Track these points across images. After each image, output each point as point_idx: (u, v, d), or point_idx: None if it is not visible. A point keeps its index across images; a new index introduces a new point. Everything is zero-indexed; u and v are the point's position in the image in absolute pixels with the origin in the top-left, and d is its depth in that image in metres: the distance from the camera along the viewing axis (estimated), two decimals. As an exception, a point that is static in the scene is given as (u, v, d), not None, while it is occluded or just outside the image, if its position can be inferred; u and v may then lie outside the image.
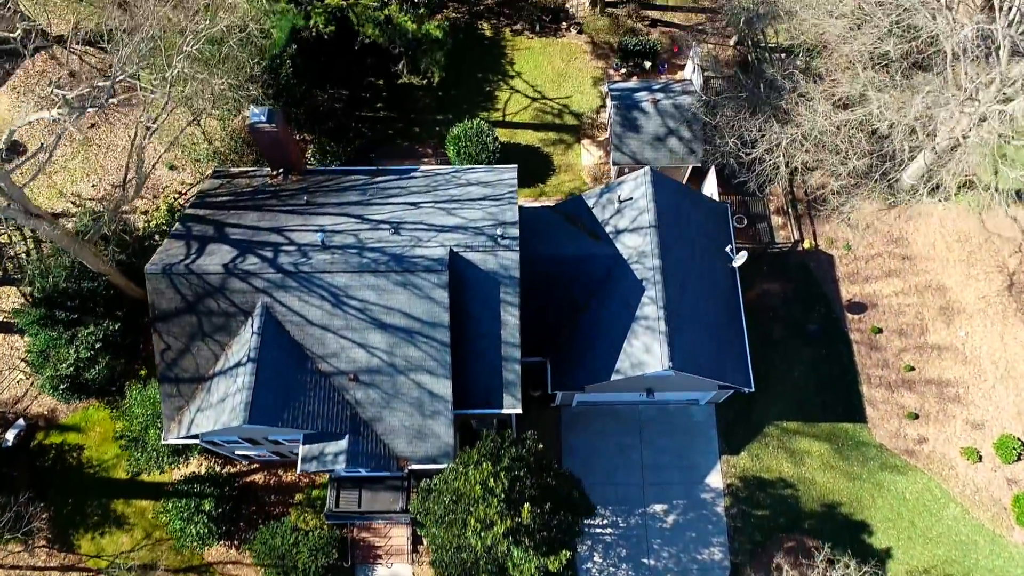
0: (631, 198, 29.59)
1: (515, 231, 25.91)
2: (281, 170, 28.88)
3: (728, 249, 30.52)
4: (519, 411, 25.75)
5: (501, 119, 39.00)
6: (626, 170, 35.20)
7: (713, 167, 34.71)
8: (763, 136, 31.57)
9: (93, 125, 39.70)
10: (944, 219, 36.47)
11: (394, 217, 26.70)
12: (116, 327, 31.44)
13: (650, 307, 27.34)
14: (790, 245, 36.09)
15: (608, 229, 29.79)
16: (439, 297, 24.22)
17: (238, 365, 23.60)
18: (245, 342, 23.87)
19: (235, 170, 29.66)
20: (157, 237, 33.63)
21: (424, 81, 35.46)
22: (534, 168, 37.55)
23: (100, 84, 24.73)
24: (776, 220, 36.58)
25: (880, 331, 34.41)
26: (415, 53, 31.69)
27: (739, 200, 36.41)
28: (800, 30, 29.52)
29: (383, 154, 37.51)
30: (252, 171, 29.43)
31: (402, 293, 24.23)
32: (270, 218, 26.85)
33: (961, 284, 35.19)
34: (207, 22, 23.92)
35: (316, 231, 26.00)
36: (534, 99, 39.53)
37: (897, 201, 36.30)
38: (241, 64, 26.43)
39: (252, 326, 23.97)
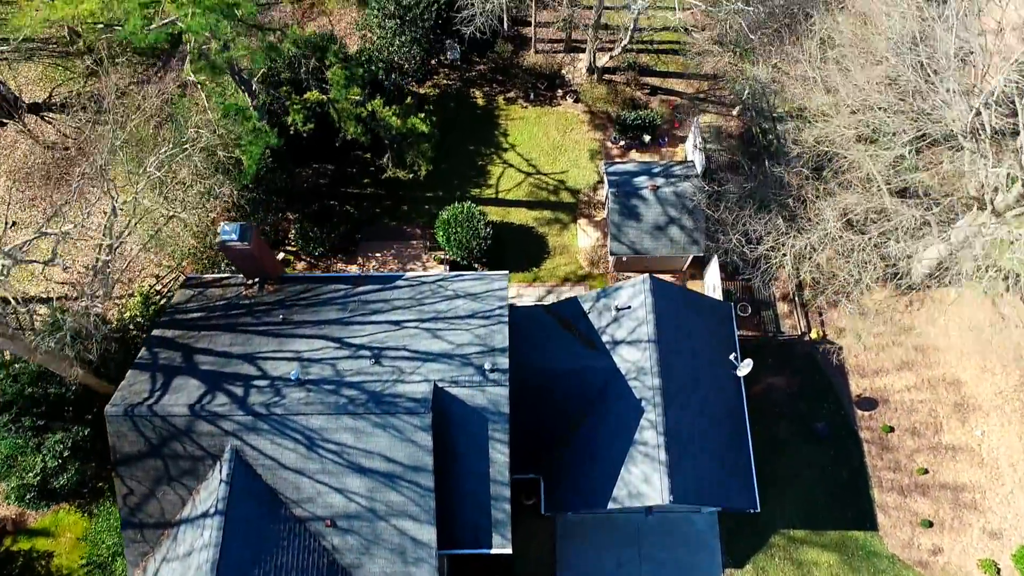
0: (629, 307, 27.90)
1: (504, 361, 24.23)
2: (256, 280, 27.16)
3: (732, 357, 28.83)
4: (509, 551, 24.09)
5: (494, 195, 37.27)
6: (624, 259, 33.49)
7: (716, 256, 32.97)
8: (768, 234, 29.85)
9: (66, 202, 37.96)
10: (957, 305, 34.74)
11: (375, 341, 24.98)
12: (86, 432, 29.74)
13: (649, 432, 25.66)
14: (797, 335, 34.36)
15: (605, 338, 28.10)
16: (422, 440, 22.51)
17: (205, 516, 21.90)
18: (213, 490, 22.17)
19: (208, 277, 27.96)
20: (132, 328, 31.95)
21: (410, 176, 33.67)
22: (528, 251, 35.81)
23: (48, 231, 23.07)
24: (782, 307, 34.84)
25: (892, 430, 32.68)
26: (400, 146, 29.95)
27: (743, 286, 34.68)
28: (810, 133, 27.68)
29: (370, 235, 35.76)
30: (226, 278, 27.71)
31: (382, 436, 22.53)
32: (243, 341, 25.12)
33: (976, 378, 33.46)
34: (171, 143, 22.20)
35: (292, 358, 24.30)
36: (528, 174, 37.79)
37: (908, 290, 34.57)
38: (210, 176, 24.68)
39: (220, 472, 22.27)
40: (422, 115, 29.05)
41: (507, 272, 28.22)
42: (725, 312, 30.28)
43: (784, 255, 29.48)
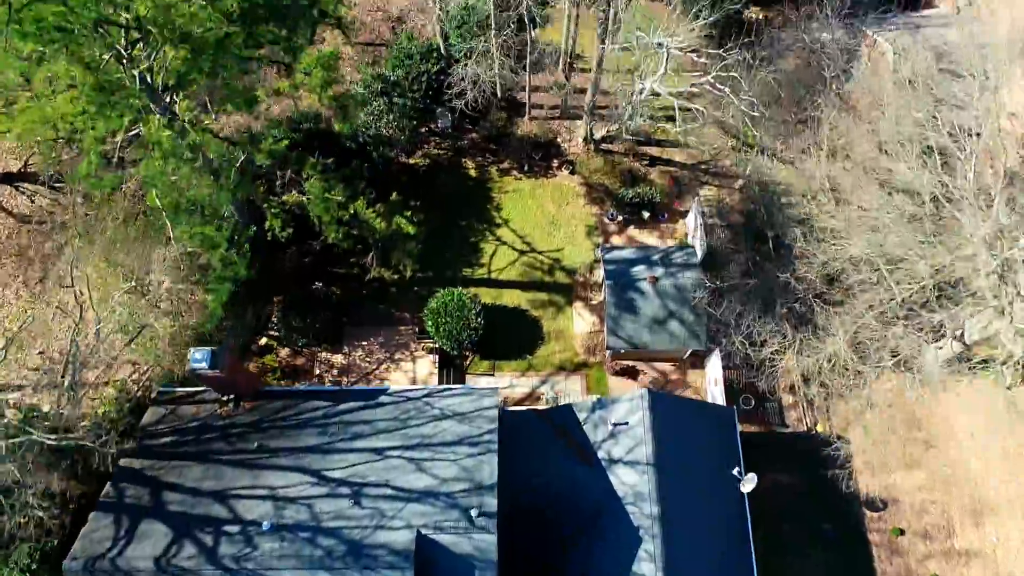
0: (626, 423, 26.40)
1: (492, 502, 22.76)
2: (232, 397, 25.66)
3: (735, 472, 27.32)
4: None
5: (486, 275, 35.73)
6: (622, 350, 31.97)
7: (718, 349, 31.46)
8: (773, 336, 28.35)
9: (42, 279, 36.45)
10: (969, 397, 33.19)
11: (356, 474, 23.47)
12: (54, 543, 28.32)
13: (647, 564, 24.18)
14: (802, 428, 32.85)
15: (601, 454, 26.60)
16: (403, 597, 21.02)
17: None
18: (179, 651, 20.69)
19: (181, 391, 26.44)
20: (107, 425, 30.44)
21: (395, 276, 32.15)
22: (522, 336, 34.27)
23: None
24: (786, 399, 33.32)
25: (902, 532, 31.17)
26: (385, 245, 28.42)
27: (746, 379, 33.13)
28: (819, 252, 26.11)
29: (357, 319, 34.21)
30: (201, 392, 26.19)
31: (361, 591, 21.04)
32: (215, 475, 23.61)
33: (991, 477, 31.94)
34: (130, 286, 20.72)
35: (266, 496, 22.81)
36: (522, 252, 36.24)
37: (918, 383, 33.01)
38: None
39: (188, 632, 20.79)
40: (408, 212, 27.51)
41: (497, 388, 26.76)
42: (727, 418, 28.77)
43: (790, 359, 28.01)
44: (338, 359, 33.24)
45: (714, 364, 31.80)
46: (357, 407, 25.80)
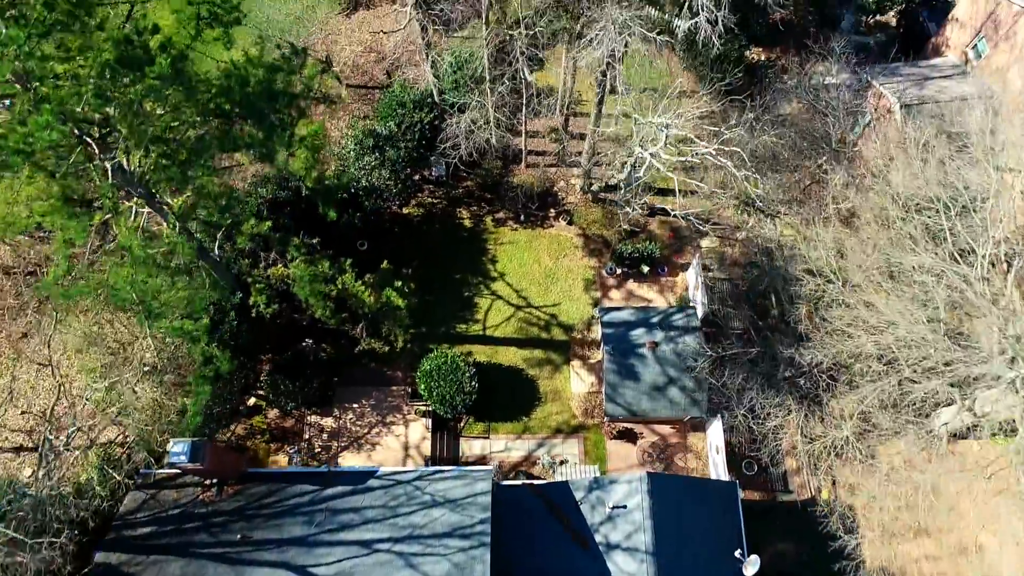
0: (624, 506, 25.44)
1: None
2: (214, 481, 24.68)
3: (738, 554, 26.35)
4: None
5: (481, 331, 34.76)
6: (619, 417, 31.00)
7: (719, 416, 30.49)
8: (776, 407, 27.39)
9: (25, 335, 35.45)
10: (980, 461, 32.24)
11: (343, 571, 22.49)
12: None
13: (646, 659, 23.25)
14: (806, 495, 31.87)
15: (598, 538, 25.63)
16: None
17: None
18: None
19: (163, 473, 25.45)
20: (88, 496, 29.45)
21: (386, 348, 31.16)
22: (517, 397, 33.28)
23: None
24: (790, 463, 32.34)
25: (909, 605, 30.25)
26: (375, 317, 27.44)
27: (748, 441, 32.16)
28: (827, 346, 25.07)
29: (348, 379, 33.21)
30: (182, 474, 25.20)
31: None
32: (196, 570, 22.61)
33: (1002, 546, 30.97)
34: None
35: (248, 596, 21.82)
36: (518, 307, 35.26)
37: (926, 444, 32.03)
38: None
39: None
40: (399, 283, 26.48)
41: (490, 471, 25.73)
42: (730, 495, 27.78)
43: (794, 434, 27.03)
44: (328, 422, 32.27)
45: (715, 430, 30.83)
46: (345, 491, 24.82)
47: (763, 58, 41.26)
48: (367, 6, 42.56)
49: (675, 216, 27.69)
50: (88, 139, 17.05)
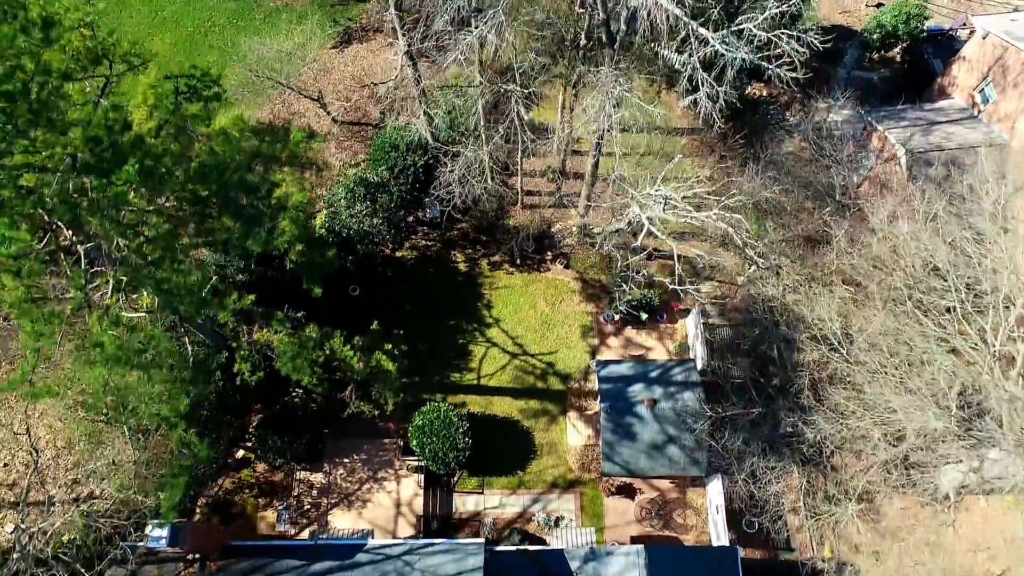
0: (622, 580, 24.63)
1: None
2: (197, 556, 23.86)
3: (738, 627, 25.57)
4: None
5: (475, 381, 33.93)
6: (616, 475, 30.17)
7: (720, 475, 29.67)
8: (778, 471, 26.57)
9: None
10: (988, 516, 31.41)
11: (328, 658, 21.68)
12: None
13: None
14: (809, 553, 31.02)
15: (594, 612, 24.83)
16: None
17: None
18: None
19: (142, 546, 24.56)
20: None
21: (375, 412, 30.35)
22: (512, 449, 32.44)
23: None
24: (792, 520, 31.50)
25: (915, 670, 29.42)
26: (365, 381, 26.63)
27: (750, 497, 31.33)
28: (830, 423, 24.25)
29: (338, 431, 32.36)
30: (164, 552, 24.34)
31: None
32: (176, 656, 21.82)
33: (1010, 605, 30.17)
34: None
35: None
36: (514, 355, 34.42)
37: (931, 501, 31.24)
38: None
39: None
40: (390, 345, 25.66)
41: (482, 542, 25.01)
42: (729, 562, 26.94)
43: (796, 501, 26.21)
44: (318, 478, 31.44)
45: (715, 488, 29.99)
46: (332, 567, 24.00)
47: (764, 93, 40.41)
48: (360, 40, 41.74)
49: (672, 284, 26.74)
50: (56, 228, 16.25)
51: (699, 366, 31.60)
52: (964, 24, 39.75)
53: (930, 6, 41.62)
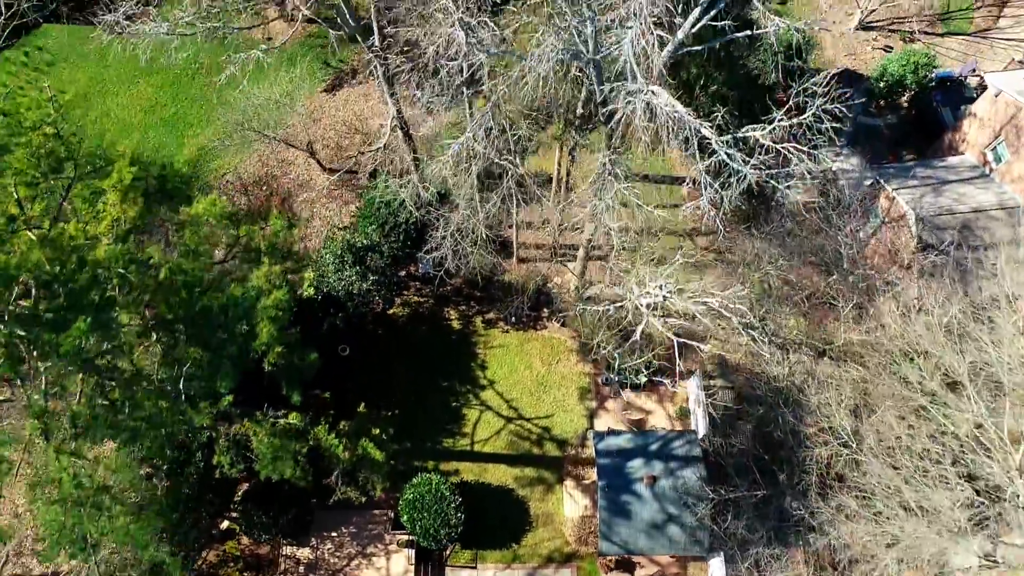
0: None
1: None
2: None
3: None
4: None
5: (469, 446, 32.81)
6: (614, 554, 29.04)
7: (722, 554, 28.54)
8: (784, 564, 25.44)
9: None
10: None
11: None
12: None
13: None
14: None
15: None
16: None
17: None
18: None
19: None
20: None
21: (364, 499, 29.23)
22: (507, 521, 31.32)
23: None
24: (797, 596, 30.40)
25: None
26: (353, 468, 25.51)
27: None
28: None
29: (325, 501, 31.06)
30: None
31: None
32: None
33: None
34: None
35: None
36: (509, 419, 33.29)
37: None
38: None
39: None
40: (377, 430, 24.53)
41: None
42: (733, 653, 25.88)
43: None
44: (305, 552, 30.29)
45: (717, 569, 28.86)
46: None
47: (768, 143, 39.16)
48: (351, 83, 40.59)
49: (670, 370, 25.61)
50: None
51: (700, 432, 30.49)
52: (974, 70, 38.65)
53: (937, 49, 40.47)
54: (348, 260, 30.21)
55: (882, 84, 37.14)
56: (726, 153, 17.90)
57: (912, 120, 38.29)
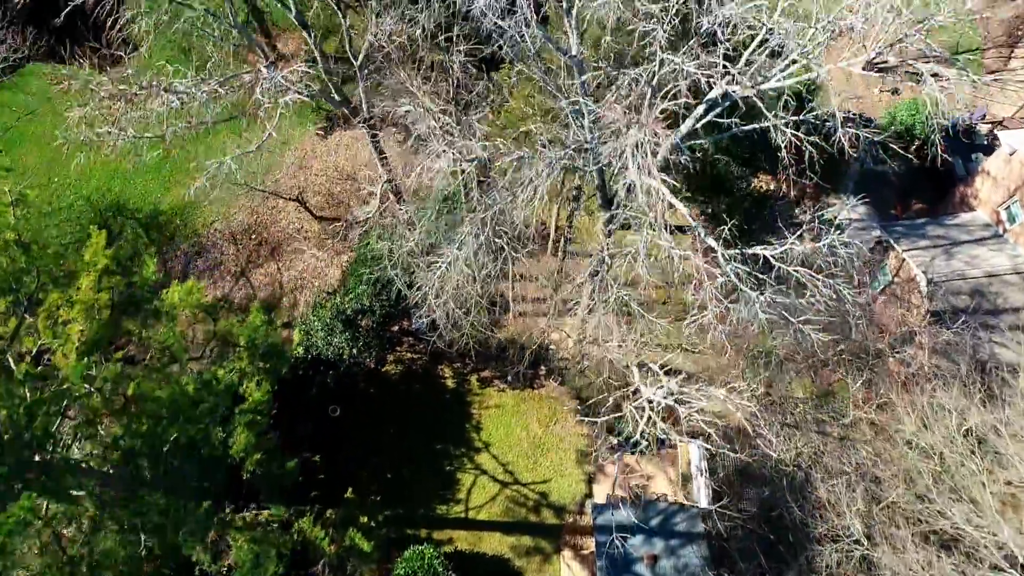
0: None
1: None
2: None
3: None
4: None
5: (463, 513, 31.70)
6: (615, 631, 27.97)
7: (727, 636, 27.49)
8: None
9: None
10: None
11: None
12: None
13: None
14: None
15: None
16: None
17: None
18: None
19: None
20: None
21: None
22: (503, 593, 30.32)
23: None
24: (803, 675, 29.30)
25: None
26: (341, 560, 24.42)
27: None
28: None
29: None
30: None
31: None
32: None
33: None
34: None
35: None
36: (505, 484, 32.19)
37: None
38: None
39: None
40: (365, 519, 23.49)
41: None
42: None
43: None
44: (293, 629, 29.17)
45: (721, 649, 27.81)
46: None
47: (770, 187, 38.19)
48: (344, 127, 39.50)
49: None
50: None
51: (703, 503, 29.46)
52: (984, 116, 37.58)
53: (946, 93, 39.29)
54: (338, 328, 29.14)
55: (891, 131, 36.06)
56: (735, 273, 16.81)
57: (921, 169, 37.19)
